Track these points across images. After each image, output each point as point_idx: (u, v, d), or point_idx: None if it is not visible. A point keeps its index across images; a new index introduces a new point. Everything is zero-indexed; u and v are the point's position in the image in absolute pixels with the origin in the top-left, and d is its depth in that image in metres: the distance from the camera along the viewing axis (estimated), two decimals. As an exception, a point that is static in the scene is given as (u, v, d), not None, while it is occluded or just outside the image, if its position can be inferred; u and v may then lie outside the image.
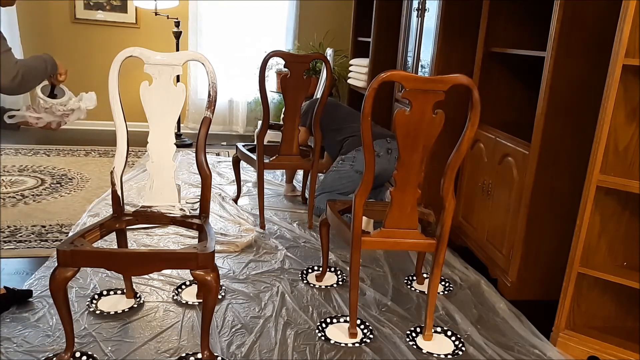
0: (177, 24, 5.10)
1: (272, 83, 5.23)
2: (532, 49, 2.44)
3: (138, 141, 2.74)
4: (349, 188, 3.28)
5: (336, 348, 1.99)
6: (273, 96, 5.39)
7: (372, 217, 2.50)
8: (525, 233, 2.38)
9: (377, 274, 2.63)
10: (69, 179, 3.84)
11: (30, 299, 2.16)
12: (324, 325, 2.13)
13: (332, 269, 2.62)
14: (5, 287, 2.13)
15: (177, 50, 5.07)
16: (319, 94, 4.43)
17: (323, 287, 2.46)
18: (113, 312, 2.11)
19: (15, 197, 3.36)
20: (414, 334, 2.11)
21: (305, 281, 2.49)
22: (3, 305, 2.07)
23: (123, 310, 2.13)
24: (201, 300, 1.91)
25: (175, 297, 2.26)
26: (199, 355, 1.84)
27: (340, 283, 2.50)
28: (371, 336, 2.07)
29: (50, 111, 2.00)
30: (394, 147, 3.26)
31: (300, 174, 4.11)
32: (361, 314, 2.23)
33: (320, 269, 2.55)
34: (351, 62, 4.85)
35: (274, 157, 3.13)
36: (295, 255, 2.78)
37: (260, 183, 3.13)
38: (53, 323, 2.01)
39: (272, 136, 4.22)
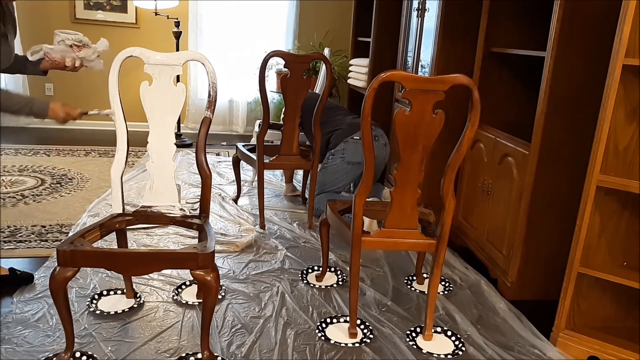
0: (177, 24, 5.10)
1: (272, 83, 5.23)
2: (532, 49, 2.44)
3: (138, 141, 2.74)
4: (345, 181, 3.28)
5: (336, 348, 1.99)
6: (273, 96, 5.39)
7: (372, 217, 2.50)
8: (525, 233, 2.38)
9: (377, 274, 2.63)
10: (69, 179, 3.84)
11: (35, 282, 2.28)
12: (324, 325, 2.13)
13: (332, 269, 2.62)
14: (10, 269, 2.23)
15: (177, 50, 5.07)
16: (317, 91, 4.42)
17: (323, 287, 2.46)
18: (113, 312, 2.11)
19: (15, 197, 3.36)
20: (414, 334, 2.11)
21: (305, 281, 2.49)
22: (6, 285, 2.16)
23: (123, 310, 2.13)
24: (201, 300, 1.91)
25: (175, 297, 2.26)
26: (199, 355, 1.84)
27: (340, 283, 2.50)
28: (371, 336, 2.07)
29: (63, 43, 2.19)
30: (379, 134, 3.30)
31: (300, 173, 4.11)
32: (361, 314, 2.23)
33: (320, 269, 2.55)
34: (351, 62, 4.85)
35: (274, 157, 3.13)
36: (295, 255, 2.78)
37: (260, 183, 3.13)
38: (53, 323, 2.01)
39: (272, 136, 4.22)
